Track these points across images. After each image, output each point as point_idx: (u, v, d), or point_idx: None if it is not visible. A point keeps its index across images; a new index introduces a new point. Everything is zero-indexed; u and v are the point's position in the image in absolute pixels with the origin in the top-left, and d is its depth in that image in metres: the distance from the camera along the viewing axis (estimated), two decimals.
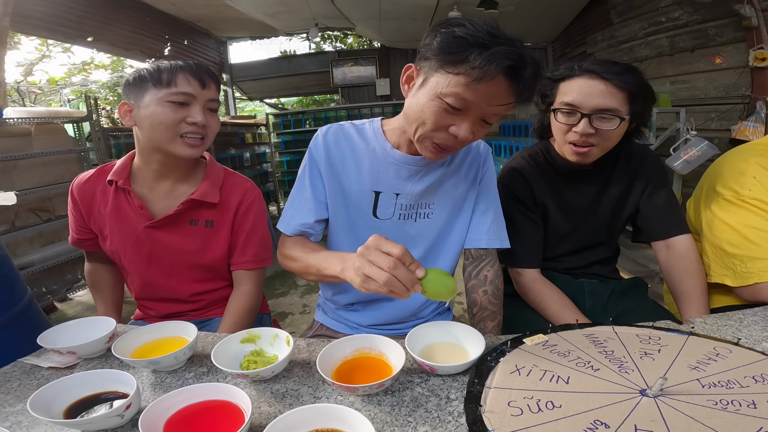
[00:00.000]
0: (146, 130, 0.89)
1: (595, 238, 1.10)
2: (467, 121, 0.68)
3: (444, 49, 0.63)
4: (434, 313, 0.99)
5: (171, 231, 0.98)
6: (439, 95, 0.66)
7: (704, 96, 3.07)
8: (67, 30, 3.48)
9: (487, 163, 0.91)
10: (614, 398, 0.52)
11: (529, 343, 0.66)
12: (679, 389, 0.53)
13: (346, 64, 5.80)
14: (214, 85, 0.93)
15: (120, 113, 0.92)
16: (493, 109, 0.67)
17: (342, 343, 0.65)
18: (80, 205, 1.00)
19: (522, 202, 1.04)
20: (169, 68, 0.88)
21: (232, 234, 1.02)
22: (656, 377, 0.54)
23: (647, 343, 0.65)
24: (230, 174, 1.06)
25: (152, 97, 0.87)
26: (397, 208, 0.85)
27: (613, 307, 1.07)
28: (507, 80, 0.63)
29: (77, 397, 0.58)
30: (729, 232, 0.90)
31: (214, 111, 0.94)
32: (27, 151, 2.42)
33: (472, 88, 0.63)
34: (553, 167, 1.05)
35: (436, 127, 0.69)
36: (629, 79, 0.87)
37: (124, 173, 0.96)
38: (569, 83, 0.92)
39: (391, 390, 0.60)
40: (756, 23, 2.55)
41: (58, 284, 2.68)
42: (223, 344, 0.67)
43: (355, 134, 0.86)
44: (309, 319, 2.44)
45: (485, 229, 0.90)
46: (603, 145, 0.93)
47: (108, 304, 1.11)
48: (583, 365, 0.60)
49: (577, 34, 4.63)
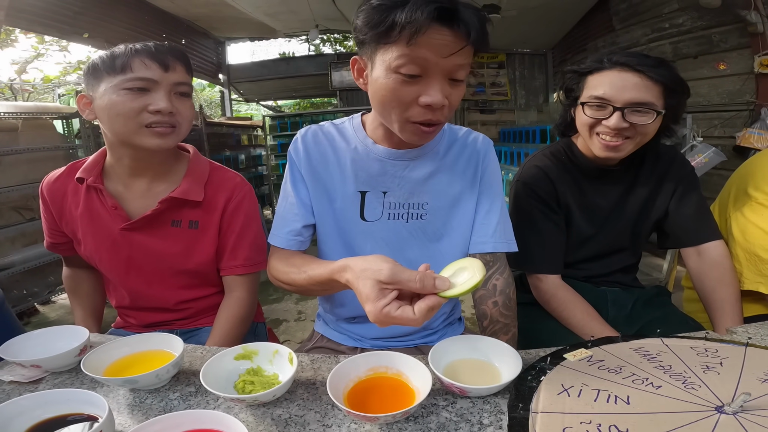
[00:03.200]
0: (107, 123, 0.80)
1: (618, 242, 1.03)
2: (432, 84, 0.63)
3: (369, 24, 0.62)
4: (444, 324, 0.90)
5: (150, 233, 0.88)
6: (390, 70, 0.62)
7: (707, 103, 3.06)
8: (62, 26, 3.40)
9: (488, 157, 0.83)
10: (688, 418, 0.46)
11: (571, 359, 0.58)
12: (757, 404, 0.48)
13: (345, 67, 5.74)
14: (180, 66, 0.83)
15: (79, 107, 0.83)
16: (451, 61, 0.61)
17: (355, 361, 0.56)
18: (51, 206, 0.91)
19: (545, 203, 0.97)
20: (124, 52, 0.78)
21: (221, 236, 0.92)
22: (727, 392, 0.50)
23: (705, 356, 0.59)
24: (217, 169, 0.96)
25: (107, 86, 0.78)
26: (385, 207, 0.78)
27: (638, 317, 1.01)
28: (444, 26, 0.59)
29: (39, 418, 0.50)
30: (764, 238, 0.86)
31: (186, 96, 0.84)
32: (12, 146, 2.35)
33: (413, 48, 0.60)
34: (577, 166, 0.99)
35: (405, 103, 0.64)
36: (664, 72, 0.83)
37: (96, 170, 0.87)
38: (599, 76, 0.87)
39: (413, 416, 0.51)
40: (762, 29, 2.55)
41: (39, 286, 2.58)
42: (214, 362, 0.57)
43: (335, 133, 0.81)
44: (304, 326, 2.36)
45: (491, 231, 0.81)
46: (637, 140, 0.87)
47: (87, 311, 1.01)
48: (641, 383, 0.53)
49: (578, 41, 4.63)
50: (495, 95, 5.38)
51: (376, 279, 0.51)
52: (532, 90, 5.56)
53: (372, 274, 0.52)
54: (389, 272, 0.51)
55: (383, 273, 0.51)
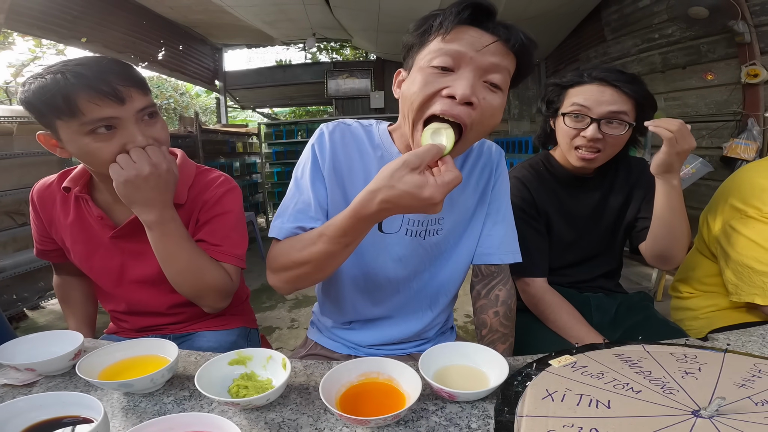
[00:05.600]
0: (87, 164, 0.76)
1: (598, 247, 1.09)
2: (462, 76, 0.60)
3: (417, 29, 0.66)
4: (438, 333, 0.91)
5: (139, 239, 0.84)
6: (424, 68, 0.63)
7: (695, 113, 3.11)
8: (60, 30, 3.40)
9: (500, 168, 0.83)
10: (666, 421, 0.48)
11: (556, 365, 0.60)
12: (733, 408, 0.50)
13: (341, 75, 5.79)
14: (135, 91, 0.72)
15: (47, 147, 0.75)
16: (486, 58, 0.60)
17: (347, 366, 0.57)
18: (41, 213, 0.89)
19: (524, 210, 1.02)
20: (57, 89, 0.65)
21: (198, 226, 0.86)
22: (704, 397, 0.52)
23: (684, 362, 0.61)
24: (203, 172, 0.92)
25: (67, 132, 0.69)
26: (404, 222, 0.77)
27: (621, 322, 1.05)
28: (479, 27, 0.62)
29: (33, 420, 0.50)
30: (756, 250, 0.87)
31: (154, 116, 0.76)
32: (7, 151, 2.33)
33: (447, 42, 0.61)
34: (554, 176, 1.06)
35: (428, 96, 0.61)
36: (636, 87, 0.91)
37: (82, 179, 0.84)
38: (579, 89, 0.95)
39: (404, 420, 0.52)
40: (749, 39, 2.58)
41: (29, 291, 2.55)
42: (209, 366, 0.58)
43: (363, 136, 0.77)
44: (297, 334, 2.36)
45: (497, 243, 0.81)
46: (608, 151, 0.95)
47: (80, 319, 1.00)
48: (621, 387, 0.55)
49: (571, 51, 4.71)
50: None
51: (409, 168, 0.51)
52: (525, 100, 5.63)
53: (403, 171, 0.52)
54: (411, 157, 0.52)
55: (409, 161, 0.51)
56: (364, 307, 0.83)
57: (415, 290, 0.82)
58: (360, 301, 0.82)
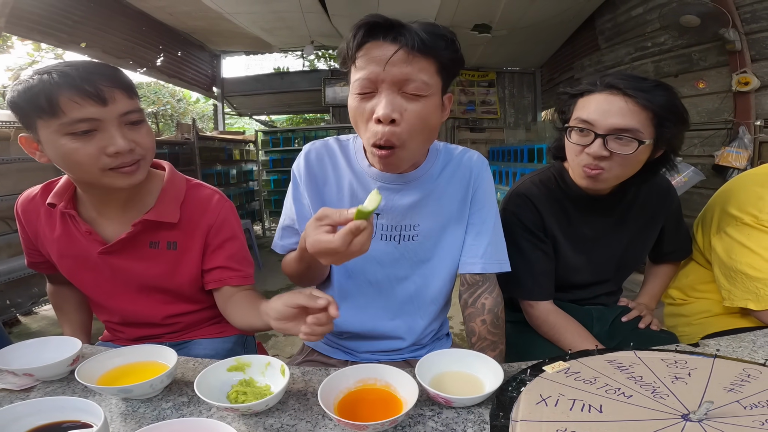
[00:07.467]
0: (65, 169, 0.73)
1: (604, 273, 1.04)
2: (381, 97, 0.66)
3: (341, 62, 0.71)
4: (432, 339, 0.92)
5: (129, 256, 0.84)
6: (353, 94, 0.68)
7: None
8: (60, 34, 3.41)
9: (481, 176, 0.83)
10: (656, 425, 0.49)
11: (550, 371, 0.61)
12: (722, 412, 0.51)
13: (339, 83, 5.82)
14: (120, 93, 0.70)
15: (27, 150, 0.73)
16: (396, 71, 0.64)
17: (344, 373, 0.58)
18: (26, 227, 0.87)
19: (531, 232, 0.96)
20: (42, 88, 0.64)
21: (207, 255, 0.88)
22: (693, 401, 0.53)
23: (675, 367, 0.62)
24: (194, 186, 0.90)
25: (47, 132, 0.67)
26: (378, 228, 0.80)
27: (618, 331, 1.04)
28: (380, 39, 0.65)
29: (31, 425, 0.50)
30: (751, 256, 0.89)
31: (139, 123, 0.74)
32: (3, 156, 2.33)
33: (360, 66, 0.66)
34: (566, 194, 0.96)
35: (365, 121, 0.68)
36: (657, 98, 0.77)
37: (67, 194, 0.81)
38: (588, 99, 0.84)
39: (401, 425, 0.53)
40: (739, 47, 2.59)
41: (23, 297, 2.54)
42: (208, 372, 0.58)
43: (338, 152, 0.83)
44: (293, 341, 2.35)
45: (480, 252, 0.82)
46: (617, 171, 0.82)
47: (75, 327, 0.99)
48: (613, 392, 0.56)
49: (565, 59, 4.77)
50: (485, 113, 5.51)
51: (313, 218, 0.59)
52: (521, 108, 5.70)
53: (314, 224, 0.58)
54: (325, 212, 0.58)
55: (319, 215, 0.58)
56: (354, 315, 0.85)
57: (400, 298, 0.84)
58: (348, 309, 0.84)
